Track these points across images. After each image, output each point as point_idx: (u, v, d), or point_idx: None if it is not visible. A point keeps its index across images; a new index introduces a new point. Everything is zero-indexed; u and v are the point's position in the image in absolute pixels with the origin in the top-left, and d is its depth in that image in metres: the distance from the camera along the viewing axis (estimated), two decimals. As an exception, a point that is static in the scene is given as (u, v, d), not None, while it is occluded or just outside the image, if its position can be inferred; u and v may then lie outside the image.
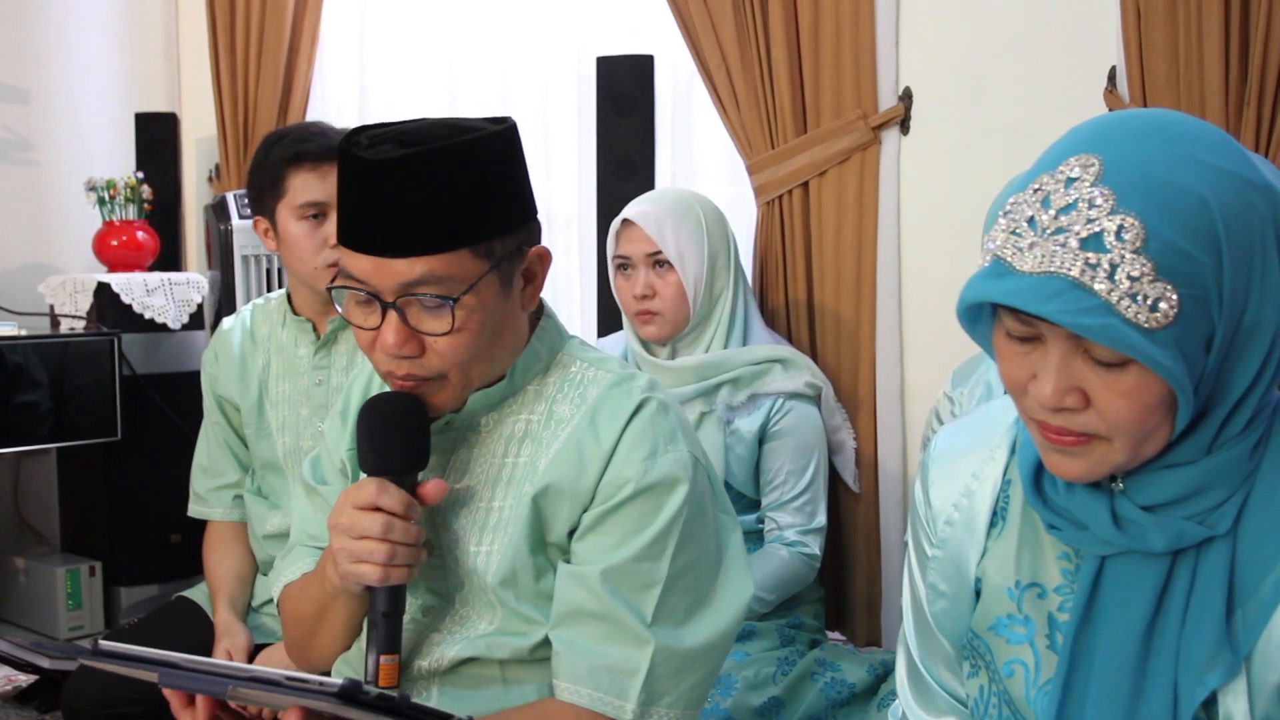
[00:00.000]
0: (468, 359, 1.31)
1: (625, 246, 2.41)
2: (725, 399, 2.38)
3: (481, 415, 1.41)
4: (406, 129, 1.28)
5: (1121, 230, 0.94)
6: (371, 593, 1.33)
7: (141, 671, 1.18)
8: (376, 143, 1.27)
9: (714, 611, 1.37)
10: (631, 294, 2.40)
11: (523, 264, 1.36)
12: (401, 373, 1.32)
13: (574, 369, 1.43)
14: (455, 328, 1.28)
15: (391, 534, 1.29)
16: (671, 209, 2.38)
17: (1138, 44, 2.25)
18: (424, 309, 1.28)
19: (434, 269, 1.26)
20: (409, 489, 1.33)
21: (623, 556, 1.32)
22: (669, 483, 1.34)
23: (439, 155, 1.25)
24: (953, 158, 2.62)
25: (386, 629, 1.33)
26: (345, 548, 1.31)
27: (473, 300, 1.29)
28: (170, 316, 3.54)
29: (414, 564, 1.33)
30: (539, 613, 1.37)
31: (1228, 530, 1.03)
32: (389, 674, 1.32)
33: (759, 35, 2.73)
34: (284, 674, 1.10)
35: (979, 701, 1.18)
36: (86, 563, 3.51)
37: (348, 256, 1.30)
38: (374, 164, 1.24)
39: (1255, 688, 1.02)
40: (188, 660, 1.15)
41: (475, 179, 1.27)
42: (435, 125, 1.30)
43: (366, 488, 1.31)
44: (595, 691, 1.32)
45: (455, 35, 3.60)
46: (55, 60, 3.95)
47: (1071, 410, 1.00)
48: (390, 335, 1.28)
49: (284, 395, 2.24)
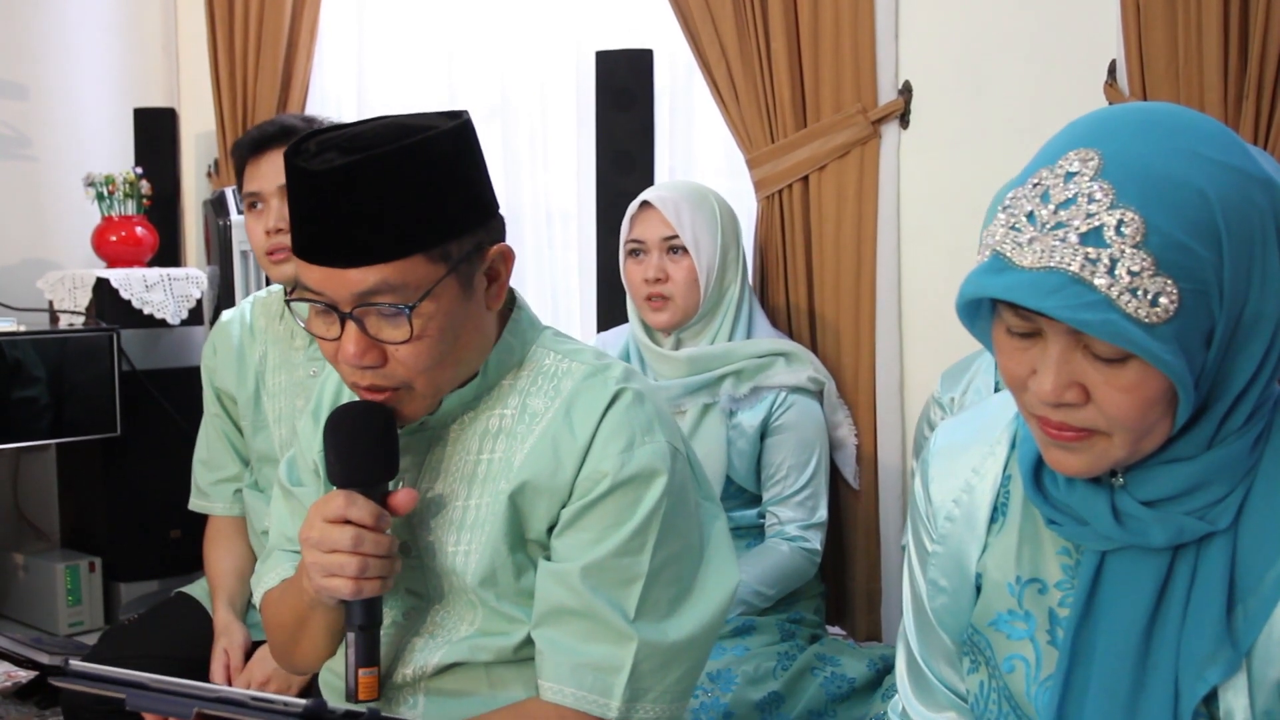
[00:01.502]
0: (431, 365, 1.28)
1: (640, 230, 2.42)
2: (729, 390, 2.38)
3: (457, 414, 1.39)
4: (354, 134, 1.25)
5: (1121, 225, 0.93)
6: (347, 606, 1.31)
7: (111, 692, 1.18)
8: (323, 150, 1.23)
9: (698, 603, 1.35)
10: (643, 278, 2.40)
11: (484, 264, 1.31)
12: (366, 383, 1.29)
13: (548, 361, 1.40)
14: (414, 335, 1.25)
15: (362, 546, 1.27)
16: (688, 196, 2.42)
17: (1137, 37, 2.25)
18: (382, 317, 1.25)
19: (387, 277, 1.22)
20: (379, 499, 1.31)
21: (602, 552, 1.30)
22: (647, 475, 1.32)
23: (384, 161, 1.20)
24: (952, 151, 2.62)
25: (364, 642, 1.31)
26: (316, 562, 1.29)
27: (431, 306, 1.25)
28: (169, 312, 3.53)
29: (387, 575, 1.31)
30: (520, 611, 1.36)
31: (1228, 525, 1.03)
32: (369, 687, 1.30)
33: (758, 29, 2.72)
34: (250, 694, 1.09)
35: (979, 697, 1.18)
36: (86, 559, 3.51)
37: (302, 268, 1.26)
38: (317, 174, 1.21)
39: (1256, 683, 1.02)
40: (155, 681, 1.14)
41: (425, 182, 1.23)
42: (383, 129, 1.25)
43: (335, 500, 1.29)
44: (579, 690, 1.30)
45: (454, 29, 3.59)
46: (54, 56, 3.94)
47: (1072, 405, 1.00)
48: (350, 346, 1.25)
49: (280, 387, 2.24)
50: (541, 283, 3.49)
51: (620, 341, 2.58)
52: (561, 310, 3.47)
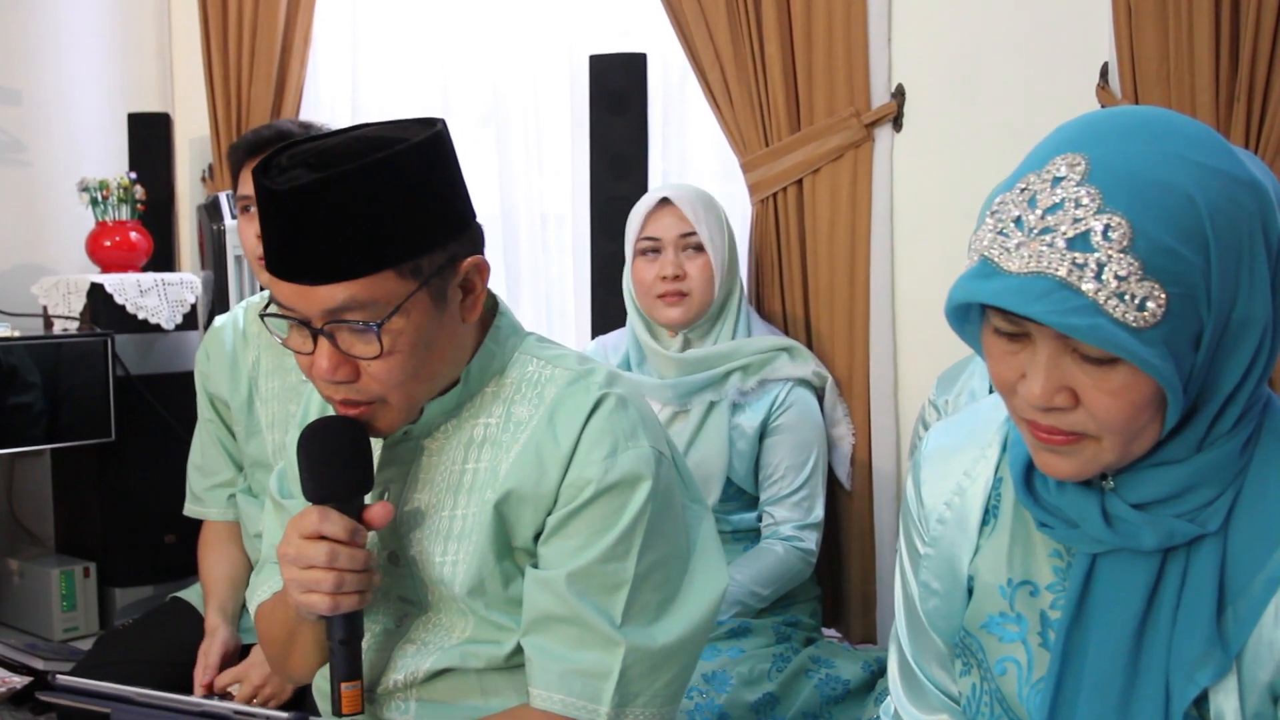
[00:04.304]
0: (404, 379, 1.28)
1: (655, 228, 2.43)
2: (736, 384, 2.40)
3: (440, 423, 1.39)
4: (323, 148, 1.23)
5: (1108, 229, 0.94)
6: (327, 621, 1.31)
7: (96, 706, 1.18)
8: (292, 165, 1.22)
9: (685, 606, 1.35)
10: (659, 275, 2.41)
11: (457, 276, 1.30)
12: (339, 397, 1.29)
13: (531, 368, 1.39)
14: (385, 351, 1.24)
15: (337, 562, 1.27)
16: (700, 196, 2.46)
17: (1129, 40, 2.26)
18: (353, 333, 1.24)
19: (355, 294, 1.22)
20: (354, 513, 1.31)
21: (588, 559, 1.30)
22: (631, 481, 1.32)
23: (349, 178, 1.19)
24: (945, 154, 2.62)
25: (344, 656, 1.31)
26: (293, 578, 1.29)
27: (400, 322, 1.24)
28: (164, 317, 3.53)
29: (365, 590, 1.31)
30: (510, 620, 1.36)
31: (1218, 528, 1.03)
32: (352, 701, 1.30)
33: (752, 33, 2.73)
34: (233, 708, 1.11)
35: (971, 700, 1.18)
36: (81, 564, 3.50)
37: (274, 284, 1.26)
38: (281, 194, 1.20)
39: (1246, 685, 1.02)
40: (141, 695, 1.15)
41: (393, 198, 1.22)
42: (353, 142, 1.24)
43: (309, 516, 1.29)
44: (568, 697, 1.31)
45: (448, 34, 3.59)
46: (47, 61, 3.94)
47: (1061, 409, 1.00)
48: (323, 361, 1.25)
49: (273, 392, 2.24)
50: (536, 287, 3.49)
51: (621, 345, 2.58)
52: (555, 314, 3.47)
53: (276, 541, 1.49)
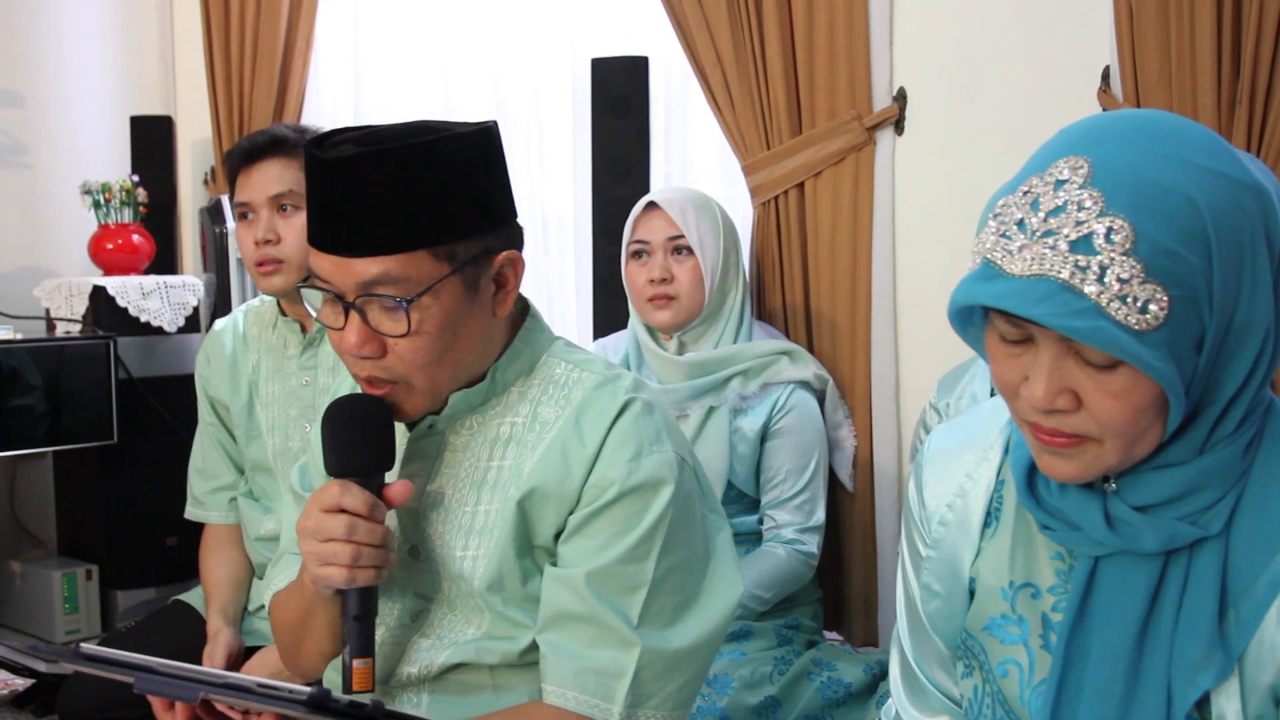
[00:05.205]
0: (429, 362, 1.30)
1: (644, 231, 2.43)
2: (737, 388, 2.40)
3: (464, 417, 1.41)
4: (374, 130, 1.29)
5: (1111, 232, 0.94)
6: (342, 595, 1.32)
7: (119, 675, 1.19)
8: (343, 141, 1.27)
9: (701, 612, 1.36)
10: (647, 278, 2.41)
11: (491, 268, 1.34)
12: (365, 374, 1.32)
13: (558, 370, 1.42)
14: (412, 329, 1.27)
15: (355, 535, 1.29)
16: (693, 199, 2.45)
17: (1130, 44, 2.26)
18: (384, 310, 1.28)
19: (390, 269, 1.25)
20: (374, 490, 1.32)
21: (608, 559, 1.32)
22: (654, 484, 1.33)
23: (395, 155, 1.24)
24: (947, 158, 2.62)
25: (358, 632, 1.32)
26: (311, 550, 1.31)
27: (430, 302, 1.28)
28: (166, 319, 3.53)
29: (381, 565, 1.32)
30: (527, 617, 1.37)
31: (1220, 531, 1.04)
32: (363, 678, 1.31)
33: (753, 36, 2.73)
34: (256, 681, 1.11)
35: (973, 702, 1.18)
36: (83, 566, 3.51)
37: (314, 256, 1.30)
38: (329, 162, 1.24)
39: (1248, 688, 1.02)
40: (165, 665, 1.16)
41: (435, 180, 1.26)
42: (404, 127, 1.29)
43: (330, 490, 1.31)
44: (581, 695, 1.32)
45: (449, 37, 3.60)
46: (50, 63, 3.94)
47: (1063, 412, 1.00)
48: (352, 335, 1.28)
49: (273, 396, 2.24)
50: (538, 289, 3.49)
51: (620, 347, 2.58)
52: (557, 317, 3.47)
53: (294, 535, 1.51)
